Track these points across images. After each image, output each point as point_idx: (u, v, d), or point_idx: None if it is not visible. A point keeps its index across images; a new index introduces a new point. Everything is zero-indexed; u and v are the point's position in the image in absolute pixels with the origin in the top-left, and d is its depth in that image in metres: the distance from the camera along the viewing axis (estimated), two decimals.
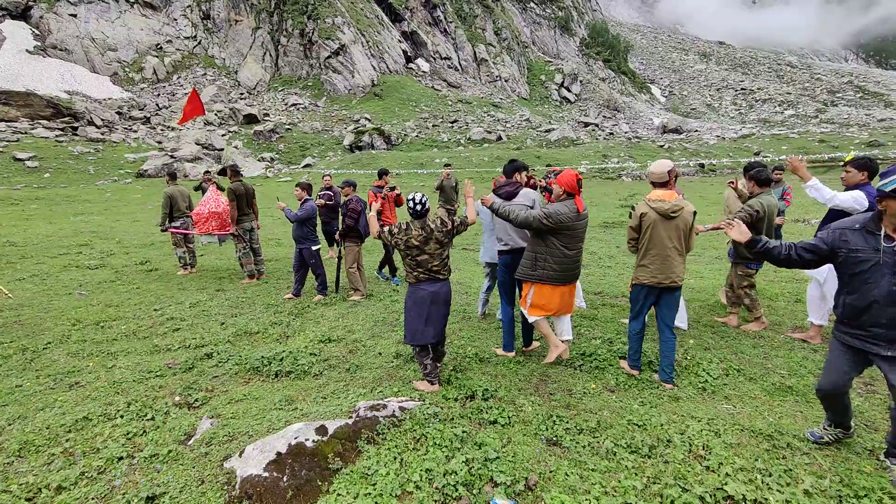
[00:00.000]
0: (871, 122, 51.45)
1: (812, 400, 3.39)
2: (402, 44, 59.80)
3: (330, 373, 4.15)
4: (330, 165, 32.61)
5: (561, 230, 3.72)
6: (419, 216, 3.63)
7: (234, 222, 7.20)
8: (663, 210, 3.59)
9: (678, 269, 3.62)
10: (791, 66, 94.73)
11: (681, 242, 3.64)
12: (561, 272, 3.81)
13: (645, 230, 3.69)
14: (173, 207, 7.97)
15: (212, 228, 7.63)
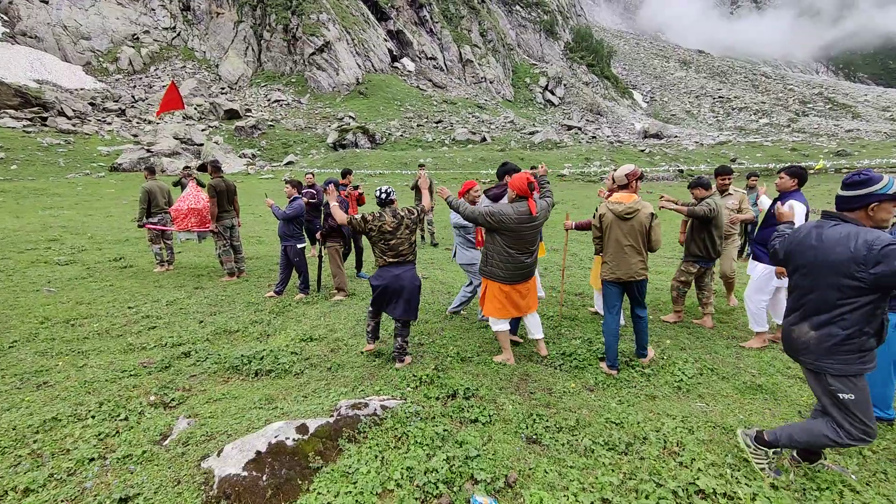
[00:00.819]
0: (839, 132, 53.49)
1: (780, 397, 3.52)
2: (388, 43, 59.61)
3: (311, 372, 4.12)
4: (313, 163, 32.27)
5: (504, 230, 3.86)
6: (384, 204, 4.01)
7: (213, 219, 7.08)
8: (619, 211, 3.87)
9: (636, 265, 3.88)
10: (766, 77, 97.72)
11: (637, 241, 3.87)
12: (507, 271, 3.97)
13: (605, 230, 3.98)
14: (151, 203, 7.79)
15: (191, 225, 7.48)
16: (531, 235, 3.97)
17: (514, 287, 4.04)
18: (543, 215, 4.06)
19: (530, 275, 4.12)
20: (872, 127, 60.20)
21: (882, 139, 44.75)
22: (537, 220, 3.96)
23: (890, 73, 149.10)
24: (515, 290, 4.06)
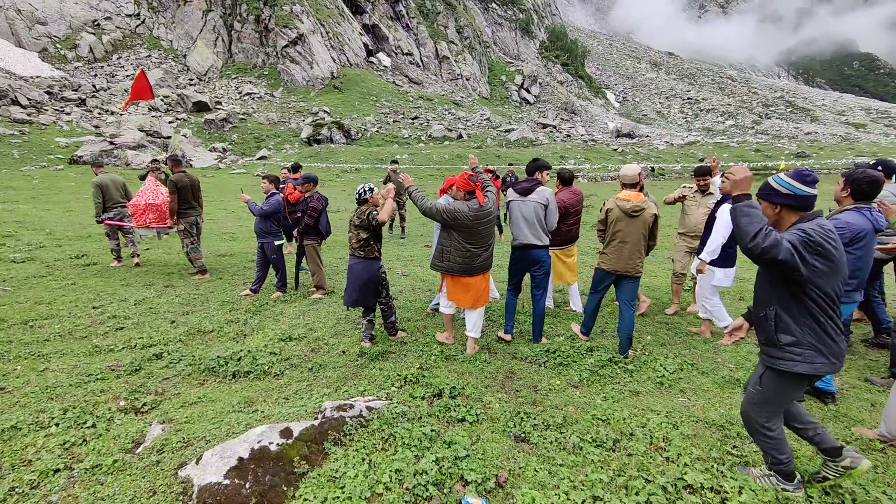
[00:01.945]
0: (799, 134, 55.93)
1: None
2: (363, 37, 58.79)
3: (292, 372, 3.99)
4: (287, 158, 31.56)
5: (459, 227, 4.01)
6: (360, 203, 4.43)
7: (173, 215, 6.77)
8: (626, 209, 4.08)
9: (635, 260, 4.09)
10: (731, 80, 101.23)
11: (639, 239, 4.07)
12: (462, 265, 4.11)
13: (609, 224, 4.18)
14: (105, 197, 7.39)
15: (149, 221, 7.16)
16: (487, 230, 4.13)
17: (472, 279, 4.20)
18: (493, 208, 4.19)
19: (486, 268, 4.28)
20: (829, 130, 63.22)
21: (837, 142, 47.06)
22: (489, 213, 4.10)
23: (845, 78, 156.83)
24: (466, 281, 4.21)
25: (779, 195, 2.25)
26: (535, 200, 4.31)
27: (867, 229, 3.07)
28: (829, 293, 2.16)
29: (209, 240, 10.15)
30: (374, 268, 4.46)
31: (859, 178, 3.13)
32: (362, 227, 4.36)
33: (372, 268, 4.45)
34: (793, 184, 2.21)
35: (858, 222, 3.07)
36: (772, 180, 2.29)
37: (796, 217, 2.23)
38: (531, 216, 4.31)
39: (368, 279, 4.43)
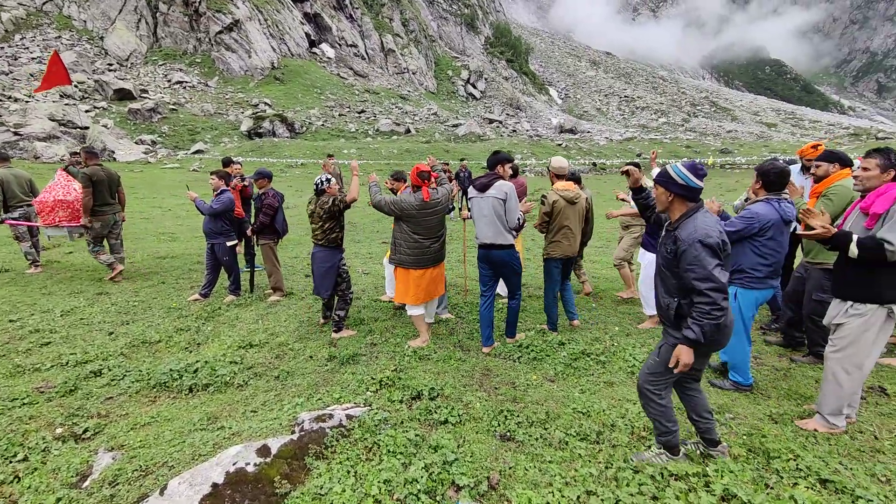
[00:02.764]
0: (722, 132, 60.54)
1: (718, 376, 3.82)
2: (305, 26, 56.53)
3: (257, 382, 3.72)
4: (226, 152, 29.79)
5: (406, 218, 4.17)
6: (318, 194, 4.61)
7: (87, 212, 6.13)
8: (569, 197, 4.47)
9: (576, 244, 4.54)
10: (663, 80, 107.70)
11: (579, 223, 4.55)
12: (413, 257, 4.25)
13: (556, 214, 4.46)
14: (7, 195, 6.55)
15: (59, 219, 6.44)
16: (434, 221, 4.28)
17: (423, 272, 4.32)
18: (444, 202, 4.38)
19: (439, 259, 4.44)
20: (747, 129, 68.99)
21: (754, 139, 51.40)
22: (436, 206, 4.27)
23: (759, 82, 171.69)
24: (424, 275, 4.33)
25: (675, 184, 2.36)
26: (492, 196, 4.05)
27: (774, 219, 3.30)
28: None
29: (145, 241, 9.33)
30: (336, 256, 4.65)
31: (767, 170, 3.40)
32: (329, 217, 4.50)
33: (334, 256, 4.63)
34: (688, 175, 2.33)
35: (766, 213, 3.31)
36: (670, 168, 2.40)
37: (685, 207, 2.38)
38: (490, 213, 4.06)
39: (330, 266, 4.60)
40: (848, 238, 2.73)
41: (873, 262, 2.68)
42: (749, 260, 3.38)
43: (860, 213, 2.86)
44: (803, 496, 2.34)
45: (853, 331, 2.83)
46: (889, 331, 2.84)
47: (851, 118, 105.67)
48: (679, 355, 2.35)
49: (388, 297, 5.75)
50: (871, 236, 2.68)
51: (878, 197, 2.73)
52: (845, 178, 3.75)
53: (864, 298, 2.79)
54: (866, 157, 2.88)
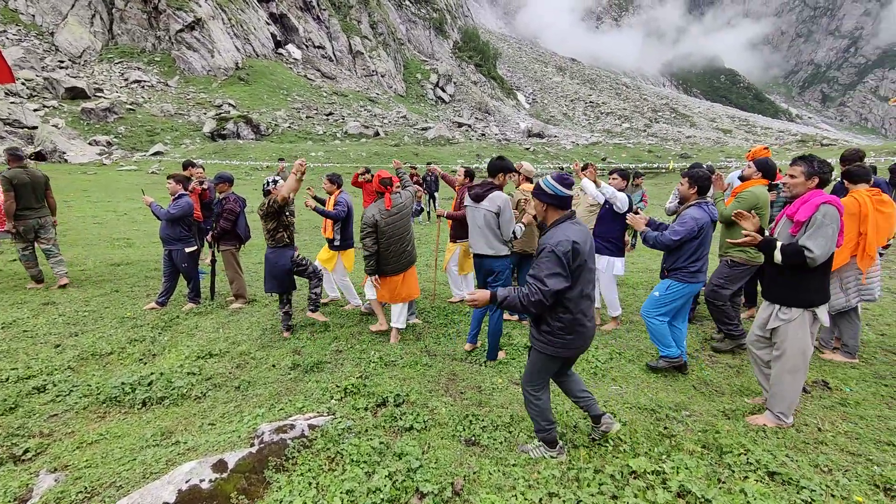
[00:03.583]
0: (681, 137, 63.09)
1: (678, 375, 3.95)
2: (271, 27, 55.40)
3: (216, 393, 3.59)
4: (187, 154, 28.78)
5: (379, 233, 4.30)
6: (265, 195, 4.66)
7: (10, 217, 5.82)
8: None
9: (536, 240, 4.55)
10: (626, 86, 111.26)
11: None
12: (390, 264, 4.41)
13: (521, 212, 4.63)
14: None
15: None
16: (401, 225, 4.42)
17: (399, 276, 4.48)
18: (408, 204, 4.51)
19: (412, 262, 4.57)
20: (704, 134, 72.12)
21: (711, 145, 53.81)
22: (401, 210, 4.42)
23: (714, 90, 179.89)
24: (398, 279, 4.48)
25: (546, 195, 2.55)
26: (485, 208, 3.96)
27: (706, 221, 3.62)
28: (577, 293, 2.51)
29: (98, 247, 8.87)
30: (285, 256, 4.67)
31: (700, 175, 3.68)
32: (269, 217, 4.56)
33: (284, 256, 4.67)
34: (556, 186, 2.52)
35: (701, 216, 3.60)
36: (541, 182, 2.58)
37: (558, 215, 2.57)
38: (482, 224, 4.01)
39: (281, 267, 4.65)
40: (773, 244, 2.89)
41: (796, 267, 2.83)
42: (684, 258, 3.68)
43: (787, 219, 3.02)
44: (752, 489, 2.45)
45: (788, 335, 2.99)
46: (815, 331, 3.03)
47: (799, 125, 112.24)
48: (478, 298, 2.48)
49: (350, 307, 5.67)
50: (793, 243, 2.83)
51: (803, 204, 2.89)
52: (758, 186, 4.15)
53: (790, 302, 2.95)
54: (792, 164, 3.03)
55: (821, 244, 2.74)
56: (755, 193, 4.09)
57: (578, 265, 2.45)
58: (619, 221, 4.61)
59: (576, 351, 2.64)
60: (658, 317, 3.82)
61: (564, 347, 2.58)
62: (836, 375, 3.91)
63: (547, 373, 2.73)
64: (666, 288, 3.77)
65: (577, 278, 2.48)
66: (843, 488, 2.52)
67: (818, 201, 2.83)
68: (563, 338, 2.55)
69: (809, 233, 2.80)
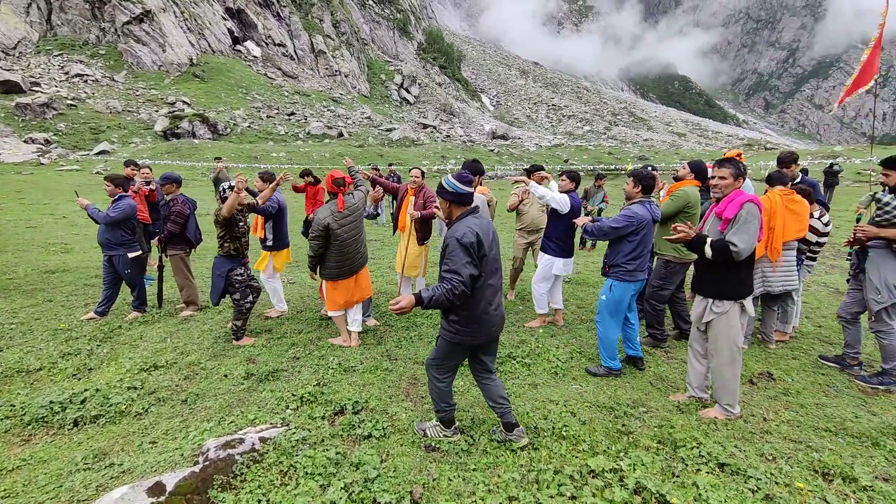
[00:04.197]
0: (639, 140, 65.51)
1: (636, 372, 4.03)
2: (228, 22, 53.52)
3: (159, 408, 3.36)
4: (136, 154, 27.32)
5: (332, 237, 4.22)
6: (222, 201, 4.43)
7: None
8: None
9: None
10: (587, 90, 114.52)
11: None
12: (341, 268, 4.35)
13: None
14: None
15: None
16: (355, 227, 4.38)
17: (352, 279, 4.44)
18: (360, 205, 4.48)
19: (364, 262, 4.54)
20: (660, 137, 75.21)
21: (667, 147, 56.17)
22: (354, 212, 4.37)
23: (669, 95, 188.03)
24: (351, 281, 4.45)
25: (448, 193, 2.67)
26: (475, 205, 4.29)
27: (647, 219, 3.74)
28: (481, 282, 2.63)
29: (31, 252, 8.23)
30: (225, 266, 4.49)
31: (645, 175, 3.82)
32: (216, 223, 4.45)
33: (224, 265, 4.49)
34: (456, 184, 2.65)
35: (643, 213, 3.72)
36: (443, 181, 2.71)
37: (461, 210, 2.70)
38: None
39: (218, 275, 4.49)
40: (703, 241, 3.05)
41: (725, 262, 3.00)
42: (623, 256, 3.74)
43: (715, 217, 3.18)
44: (704, 481, 2.51)
45: (721, 328, 3.14)
46: (745, 322, 3.20)
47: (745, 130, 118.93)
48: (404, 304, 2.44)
49: (276, 313, 5.37)
50: (721, 239, 3.00)
51: (729, 203, 3.06)
52: (689, 186, 4.37)
53: (721, 295, 3.11)
54: (719, 167, 3.18)
55: (745, 239, 2.92)
56: (687, 192, 4.32)
57: (482, 255, 2.60)
58: (562, 221, 4.65)
59: (482, 339, 2.73)
60: (611, 323, 3.85)
61: (471, 336, 2.69)
62: (779, 367, 4.10)
63: (453, 360, 2.84)
64: (609, 289, 3.85)
65: (481, 268, 2.61)
66: (786, 475, 2.63)
67: (742, 199, 3.01)
68: (469, 326, 2.67)
69: (735, 229, 2.97)
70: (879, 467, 2.74)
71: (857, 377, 3.89)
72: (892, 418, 3.27)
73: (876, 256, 3.69)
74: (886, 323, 3.70)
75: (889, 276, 3.61)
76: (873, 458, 2.82)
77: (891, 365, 3.73)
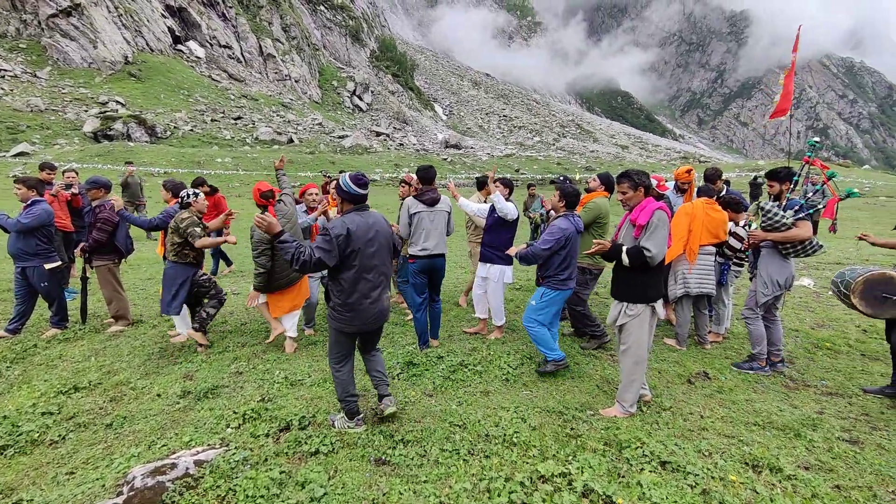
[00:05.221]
0: (586, 152, 68.39)
1: (582, 375, 4.14)
2: (168, 20, 50.86)
3: (79, 435, 3.06)
4: (63, 156, 25.23)
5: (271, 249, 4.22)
6: (182, 207, 4.42)
7: None
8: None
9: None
10: (536, 102, 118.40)
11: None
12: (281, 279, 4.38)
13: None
14: None
15: None
16: (294, 235, 4.41)
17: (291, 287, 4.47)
18: (293, 212, 4.51)
19: (297, 278, 4.53)
20: (605, 149, 78.93)
21: (612, 159, 59.01)
22: (289, 219, 4.40)
23: (613, 109, 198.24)
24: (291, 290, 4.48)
25: (342, 191, 2.97)
26: (443, 210, 4.50)
27: (573, 231, 3.97)
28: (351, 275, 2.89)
29: None
30: (187, 272, 4.40)
31: (570, 192, 4.04)
32: (176, 233, 4.29)
33: (184, 272, 4.39)
34: (350, 184, 2.93)
35: (568, 226, 3.96)
36: (339, 179, 2.99)
37: (348, 207, 3.00)
38: (441, 226, 4.50)
39: (181, 282, 4.36)
40: (619, 249, 3.26)
41: (640, 267, 3.21)
42: (555, 268, 3.95)
43: (630, 224, 3.39)
44: (647, 480, 2.60)
45: (633, 329, 3.34)
46: (654, 323, 3.41)
47: (682, 144, 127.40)
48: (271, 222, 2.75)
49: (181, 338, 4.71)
50: (636, 245, 3.22)
51: (641, 211, 3.29)
52: (600, 197, 4.69)
53: (634, 299, 3.31)
54: (618, 183, 3.44)
55: (657, 244, 3.14)
56: (598, 204, 4.62)
57: (352, 250, 2.85)
58: (507, 230, 4.71)
59: (358, 327, 2.98)
60: (537, 324, 4.03)
61: (346, 323, 2.95)
62: (714, 366, 4.35)
63: (340, 347, 3.06)
64: (541, 296, 4.02)
65: (350, 261, 2.87)
66: (721, 469, 2.77)
67: (653, 207, 3.24)
68: (344, 314, 2.93)
69: (647, 235, 3.19)
70: (801, 457, 2.95)
71: (734, 364, 4.34)
72: (810, 410, 3.55)
73: (766, 256, 4.19)
74: (752, 311, 4.19)
75: (773, 273, 4.10)
76: (796, 449, 3.03)
77: (757, 349, 4.20)
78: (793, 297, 6.73)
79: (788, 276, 4.12)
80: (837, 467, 2.84)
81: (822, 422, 3.36)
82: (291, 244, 2.76)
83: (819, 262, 8.80)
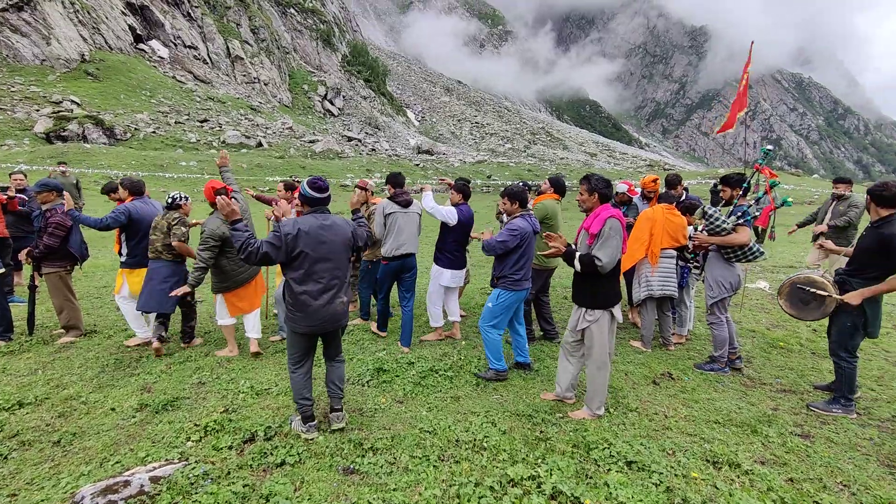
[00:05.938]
0: (556, 159, 69.82)
1: (552, 378, 4.19)
2: (129, 18, 49.01)
3: (23, 454, 2.87)
4: (10, 157, 23.83)
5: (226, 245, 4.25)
6: (171, 208, 4.49)
7: None
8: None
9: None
10: (507, 110, 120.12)
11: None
12: (236, 277, 4.41)
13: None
14: None
15: None
16: None
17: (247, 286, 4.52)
18: (246, 208, 4.52)
19: (257, 271, 4.63)
20: (575, 157, 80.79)
21: (581, 166, 60.42)
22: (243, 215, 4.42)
23: (582, 117, 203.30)
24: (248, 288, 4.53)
25: (300, 195, 3.09)
26: (415, 211, 4.73)
27: (529, 231, 4.00)
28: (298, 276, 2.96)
29: None
30: (182, 270, 4.49)
31: (516, 191, 4.06)
32: (166, 231, 4.37)
33: (180, 270, 4.48)
34: (307, 188, 3.05)
35: (525, 226, 3.98)
36: (300, 185, 3.14)
37: (305, 209, 3.10)
38: (414, 227, 4.72)
39: (176, 281, 4.39)
40: (572, 255, 3.32)
41: (593, 274, 3.27)
42: (509, 268, 3.94)
43: (585, 232, 3.44)
44: (614, 480, 2.64)
45: (594, 334, 3.39)
46: (614, 328, 3.48)
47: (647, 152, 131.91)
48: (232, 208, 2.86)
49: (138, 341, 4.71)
50: (588, 253, 3.28)
51: (595, 219, 3.34)
52: (549, 199, 4.83)
53: (593, 305, 3.37)
54: (580, 183, 3.50)
55: (608, 253, 3.19)
56: (546, 206, 4.75)
57: (301, 251, 2.91)
58: (451, 234, 4.69)
59: (308, 328, 3.01)
60: (492, 328, 4.02)
61: (296, 323, 3.01)
62: (677, 367, 4.49)
63: (296, 347, 3.12)
64: (496, 297, 4.00)
65: (297, 262, 2.93)
66: (684, 467, 2.85)
67: (605, 216, 3.28)
68: (294, 314, 3.00)
69: (599, 244, 3.23)
70: (758, 452, 3.08)
71: (696, 365, 4.49)
72: (766, 407, 3.71)
73: (711, 259, 4.38)
74: (717, 316, 4.31)
75: (718, 275, 4.27)
76: (753, 444, 3.16)
77: (719, 353, 4.35)
78: (749, 299, 7.04)
79: (733, 279, 4.25)
80: (791, 461, 2.97)
81: (777, 418, 3.51)
82: (244, 233, 2.82)
83: (774, 266, 9.24)
